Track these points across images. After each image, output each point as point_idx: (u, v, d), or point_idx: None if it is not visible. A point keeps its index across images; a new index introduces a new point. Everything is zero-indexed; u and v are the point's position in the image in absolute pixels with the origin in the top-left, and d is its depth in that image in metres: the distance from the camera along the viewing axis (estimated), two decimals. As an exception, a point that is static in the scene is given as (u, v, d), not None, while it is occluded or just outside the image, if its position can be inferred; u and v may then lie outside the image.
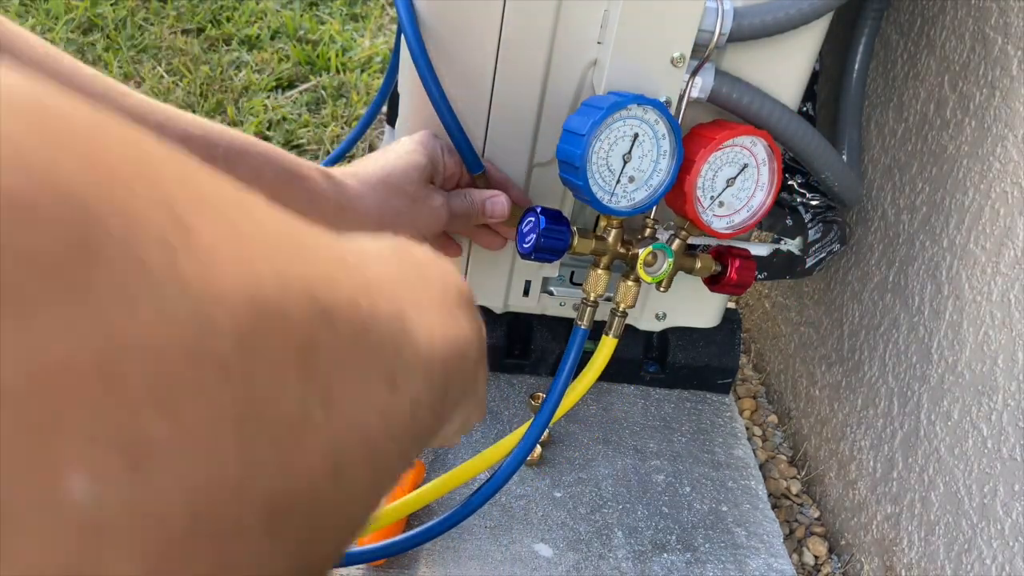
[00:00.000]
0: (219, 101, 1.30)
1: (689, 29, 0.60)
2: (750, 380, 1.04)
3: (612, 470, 0.83)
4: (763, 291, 1.08)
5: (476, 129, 0.68)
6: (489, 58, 0.64)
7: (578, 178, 0.59)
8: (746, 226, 0.66)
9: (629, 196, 0.62)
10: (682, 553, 0.77)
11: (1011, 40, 0.64)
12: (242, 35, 1.48)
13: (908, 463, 0.75)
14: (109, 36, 1.42)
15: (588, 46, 0.64)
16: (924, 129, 0.75)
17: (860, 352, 0.84)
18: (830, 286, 0.91)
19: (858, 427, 0.83)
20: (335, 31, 1.53)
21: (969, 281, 0.69)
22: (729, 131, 0.62)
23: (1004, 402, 0.64)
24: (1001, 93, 0.65)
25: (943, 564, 0.70)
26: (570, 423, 0.87)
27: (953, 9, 0.72)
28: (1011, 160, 0.64)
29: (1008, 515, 0.63)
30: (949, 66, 0.72)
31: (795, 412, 0.96)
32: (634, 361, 0.91)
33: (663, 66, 0.61)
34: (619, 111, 0.58)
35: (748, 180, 0.64)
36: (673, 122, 0.60)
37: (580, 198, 0.61)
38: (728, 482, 0.85)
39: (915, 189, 0.76)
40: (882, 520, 0.78)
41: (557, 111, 0.67)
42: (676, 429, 0.89)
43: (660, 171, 0.62)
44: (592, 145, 0.58)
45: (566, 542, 0.75)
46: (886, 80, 0.81)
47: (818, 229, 0.79)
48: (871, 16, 0.78)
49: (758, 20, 0.61)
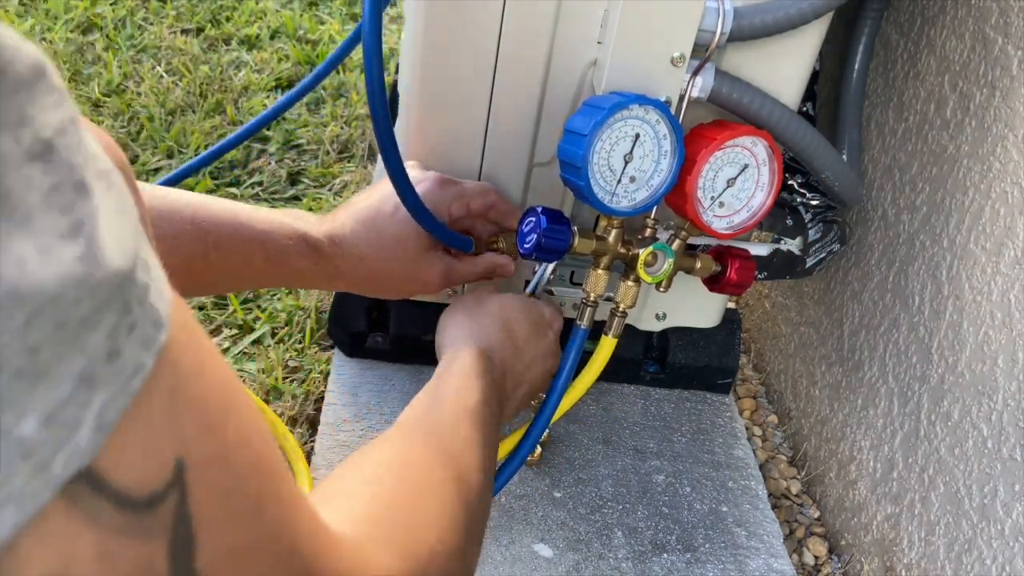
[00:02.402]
0: (219, 101, 1.30)
1: (689, 29, 0.60)
2: (750, 380, 1.04)
3: (612, 470, 0.83)
4: (763, 291, 1.08)
5: (476, 129, 0.68)
6: (489, 58, 0.64)
7: (579, 178, 0.59)
8: (746, 226, 0.66)
9: (630, 196, 0.62)
10: (682, 553, 0.76)
11: (1011, 40, 0.64)
12: (242, 35, 1.48)
13: (908, 463, 0.75)
14: (108, 36, 1.42)
15: (588, 46, 0.64)
16: (924, 129, 0.75)
17: (860, 352, 0.84)
18: (830, 286, 0.91)
19: (858, 427, 0.83)
20: (335, 31, 1.53)
21: (969, 281, 0.69)
22: (730, 131, 0.62)
23: (1004, 402, 0.64)
24: (1001, 93, 0.65)
25: (943, 564, 0.70)
26: (570, 423, 0.87)
27: (953, 9, 0.72)
28: (1011, 160, 0.64)
29: (1008, 515, 0.63)
30: (949, 66, 0.72)
31: (795, 412, 0.96)
32: (634, 361, 0.91)
33: (663, 66, 0.61)
34: (621, 111, 0.58)
35: (748, 180, 0.64)
36: (674, 122, 0.60)
37: (581, 198, 0.61)
38: (728, 482, 0.85)
39: (915, 189, 0.76)
40: (882, 520, 0.78)
41: (557, 111, 0.67)
42: (676, 429, 0.89)
43: (661, 171, 0.61)
44: (594, 145, 0.58)
45: (566, 542, 0.75)
46: (886, 80, 0.81)
47: (818, 229, 0.79)
48: (871, 16, 0.78)
49: (758, 20, 0.61)
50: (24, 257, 0.17)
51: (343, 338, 0.87)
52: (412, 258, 0.63)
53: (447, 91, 0.66)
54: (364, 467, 0.39)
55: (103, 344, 0.18)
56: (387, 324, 0.86)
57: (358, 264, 0.61)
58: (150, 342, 0.20)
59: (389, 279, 0.64)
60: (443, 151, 0.69)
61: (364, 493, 0.36)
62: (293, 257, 0.59)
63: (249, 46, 1.47)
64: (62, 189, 0.18)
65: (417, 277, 0.64)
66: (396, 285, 0.65)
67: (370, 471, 0.39)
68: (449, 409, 0.50)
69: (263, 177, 1.18)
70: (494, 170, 0.71)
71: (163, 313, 0.21)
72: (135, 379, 0.19)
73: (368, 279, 0.63)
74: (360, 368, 0.87)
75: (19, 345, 0.17)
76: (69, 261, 0.18)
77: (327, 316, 0.92)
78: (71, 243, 0.18)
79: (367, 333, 0.87)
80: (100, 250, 0.19)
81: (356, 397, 0.84)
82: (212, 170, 1.17)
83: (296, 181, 1.20)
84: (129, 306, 0.19)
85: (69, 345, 0.18)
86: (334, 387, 0.85)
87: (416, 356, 0.88)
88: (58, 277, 0.17)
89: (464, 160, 0.70)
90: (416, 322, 0.86)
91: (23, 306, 0.17)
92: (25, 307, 0.17)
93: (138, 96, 1.28)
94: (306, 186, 1.19)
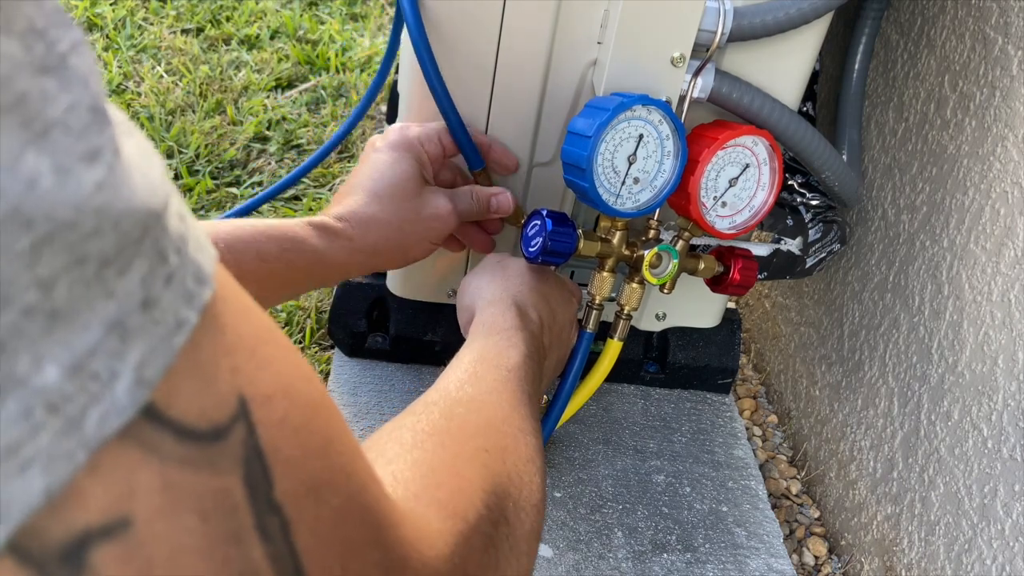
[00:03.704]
0: (219, 101, 1.30)
1: (689, 29, 0.60)
2: (750, 380, 1.04)
3: (612, 470, 0.83)
4: (763, 291, 1.08)
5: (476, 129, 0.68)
6: (489, 58, 0.64)
7: (584, 180, 0.58)
8: (748, 226, 0.66)
9: (634, 197, 0.62)
10: (682, 553, 0.77)
11: (1011, 40, 0.64)
12: (242, 35, 1.48)
13: (908, 463, 0.75)
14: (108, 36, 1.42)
15: (588, 46, 0.64)
16: (924, 129, 0.75)
17: (860, 352, 0.84)
18: (830, 286, 0.91)
19: (858, 427, 0.83)
20: (335, 31, 1.53)
21: (969, 281, 0.69)
22: (732, 131, 0.62)
23: (1004, 402, 0.64)
24: (1001, 93, 0.65)
25: (943, 564, 0.70)
26: (570, 423, 0.87)
27: (953, 9, 0.72)
28: (1011, 160, 0.64)
29: (1008, 515, 0.63)
30: (949, 66, 0.72)
31: (795, 412, 0.96)
32: (634, 361, 0.91)
33: (663, 66, 0.61)
34: (624, 112, 0.58)
35: (750, 180, 0.64)
36: (677, 123, 0.60)
37: (585, 200, 0.61)
38: (728, 482, 0.85)
39: (915, 189, 0.76)
40: (882, 520, 0.78)
41: (557, 111, 0.67)
42: (676, 429, 0.89)
43: (664, 172, 0.61)
44: (598, 147, 0.58)
45: (566, 542, 0.75)
46: (886, 80, 0.81)
47: (818, 229, 0.79)
48: (871, 16, 0.78)
49: (758, 20, 0.61)
50: (37, 174, 0.15)
51: (343, 338, 0.87)
52: (413, 198, 0.61)
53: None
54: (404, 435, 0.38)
55: (136, 291, 0.17)
56: (387, 324, 0.86)
57: (370, 225, 0.59)
58: (192, 297, 0.19)
59: (402, 230, 0.61)
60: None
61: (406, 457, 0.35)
62: (307, 241, 0.57)
63: (249, 46, 1.47)
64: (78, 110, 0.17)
65: (428, 215, 0.61)
66: (412, 233, 0.62)
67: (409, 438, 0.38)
68: (491, 370, 0.48)
69: (263, 177, 1.18)
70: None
71: (206, 268, 0.20)
72: (178, 335, 0.18)
73: (383, 238, 0.60)
74: (360, 368, 0.87)
75: (26, 276, 0.15)
76: (88, 186, 0.16)
77: (327, 316, 0.92)
78: (91, 167, 0.16)
79: (367, 333, 0.87)
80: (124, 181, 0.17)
81: (356, 397, 0.84)
82: (212, 170, 1.17)
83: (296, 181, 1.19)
84: (164, 254, 0.18)
85: (93, 286, 0.16)
86: (334, 387, 0.85)
87: (416, 356, 0.88)
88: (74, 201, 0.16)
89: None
90: (416, 322, 0.86)
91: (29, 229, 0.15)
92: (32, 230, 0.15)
93: (138, 96, 1.28)
94: (306, 186, 1.19)
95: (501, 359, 0.49)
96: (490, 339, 0.52)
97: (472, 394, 0.45)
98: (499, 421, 0.43)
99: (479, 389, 0.45)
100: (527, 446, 0.43)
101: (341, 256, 0.59)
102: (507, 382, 0.47)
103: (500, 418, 0.43)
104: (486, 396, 0.45)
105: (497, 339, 0.51)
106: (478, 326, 0.54)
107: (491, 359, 0.49)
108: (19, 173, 0.15)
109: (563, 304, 0.62)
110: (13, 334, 0.15)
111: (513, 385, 0.47)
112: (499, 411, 0.44)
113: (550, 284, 0.62)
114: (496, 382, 0.47)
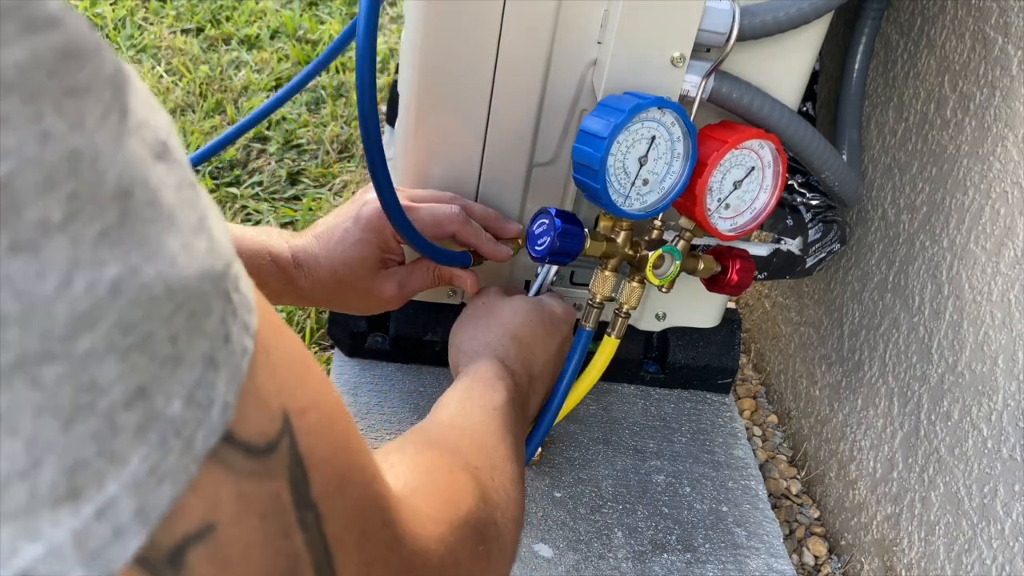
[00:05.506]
0: (218, 101, 1.30)
1: (689, 29, 0.60)
2: (750, 380, 1.04)
3: (612, 470, 0.83)
4: (763, 291, 1.08)
5: (476, 129, 0.68)
6: (489, 58, 0.64)
7: (596, 181, 0.58)
8: (749, 228, 0.66)
9: (642, 199, 0.61)
10: (682, 553, 0.76)
11: (1011, 40, 0.64)
12: (241, 35, 1.48)
13: (908, 463, 0.75)
14: (108, 36, 1.42)
15: (588, 46, 0.64)
16: (924, 129, 0.75)
17: (860, 352, 0.84)
18: (830, 286, 0.91)
19: (858, 427, 0.83)
20: (335, 31, 1.53)
21: (969, 281, 0.69)
22: (740, 134, 0.61)
23: (1004, 402, 0.64)
24: (1001, 93, 0.65)
25: (943, 564, 0.70)
26: (570, 423, 0.87)
27: (953, 9, 0.72)
28: (1011, 160, 0.64)
29: (1008, 515, 0.63)
30: (949, 66, 0.72)
31: (795, 412, 0.96)
32: (634, 361, 0.91)
33: (663, 66, 0.61)
34: (640, 113, 0.57)
35: (753, 182, 0.64)
36: (690, 125, 0.60)
37: (594, 201, 0.60)
38: (728, 482, 0.85)
39: (915, 189, 0.76)
40: (882, 520, 0.78)
41: (557, 111, 0.67)
42: (676, 429, 0.89)
43: (673, 174, 0.61)
44: (611, 148, 0.58)
45: (566, 542, 0.75)
46: (886, 80, 0.81)
47: (818, 229, 0.79)
48: (871, 16, 0.78)
49: (759, 20, 0.61)
50: (174, 254, 0.19)
51: (343, 338, 0.87)
52: (363, 277, 0.64)
53: (447, 91, 0.66)
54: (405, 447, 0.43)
55: (219, 329, 0.20)
56: (387, 324, 0.86)
57: (316, 284, 0.63)
58: (248, 326, 0.22)
59: (347, 297, 0.65)
60: (443, 151, 0.69)
61: (407, 463, 0.40)
62: (266, 277, 0.61)
63: (249, 46, 1.47)
64: (183, 187, 0.20)
65: (373, 295, 0.65)
66: (356, 303, 0.67)
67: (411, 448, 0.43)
68: (478, 409, 0.53)
69: (263, 177, 1.18)
70: (494, 170, 0.70)
71: (251, 298, 0.23)
72: (244, 360, 0.22)
73: (328, 298, 0.65)
74: (360, 368, 0.87)
75: (165, 335, 0.19)
76: (202, 255, 0.20)
77: (327, 316, 0.92)
78: (201, 238, 0.20)
79: (367, 333, 0.87)
80: (217, 242, 0.21)
81: (356, 397, 0.84)
82: (212, 170, 1.17)
83: (296, 181, 1.20)
84: (229, 294, 0.21)
85: (197, 331, 0.20)
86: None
87: (416, 356, 0.88)
88: (198, 270, 0.19)
89: (464, 160, 0.70)
90: (416, 322, 0.86)
91: (173, 299, 0.19)
92: (174, 300, 0.19)
93: (138, 96, 1.28)
94: (306, 186, 1.19)
95: (485, 399, 0.54)
96: (475, 384, 0.56)
97: (463, 425, 0.50)
98: (489, 447, 0.48)
99: (469, 422, 0.51)
100: (512, 471, 0.48)
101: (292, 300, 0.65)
102: (493, 419, 0.52)
103: (490, 445, 0.49)
104: (476, 426, 0.50)
105: (482, 384, 0.56)
106: (463, 376, 0.59)
107: (476, 399, 0.54)
108: (165, 256, 0.19)
109: (548, 341, 0.65)
110: (154, 381, 0.19)
111: (498, 423, 0.52)
112: (488, 439, 0.49)
113: (533, 324, 0.64)
114: (484, 416, 0.52)
